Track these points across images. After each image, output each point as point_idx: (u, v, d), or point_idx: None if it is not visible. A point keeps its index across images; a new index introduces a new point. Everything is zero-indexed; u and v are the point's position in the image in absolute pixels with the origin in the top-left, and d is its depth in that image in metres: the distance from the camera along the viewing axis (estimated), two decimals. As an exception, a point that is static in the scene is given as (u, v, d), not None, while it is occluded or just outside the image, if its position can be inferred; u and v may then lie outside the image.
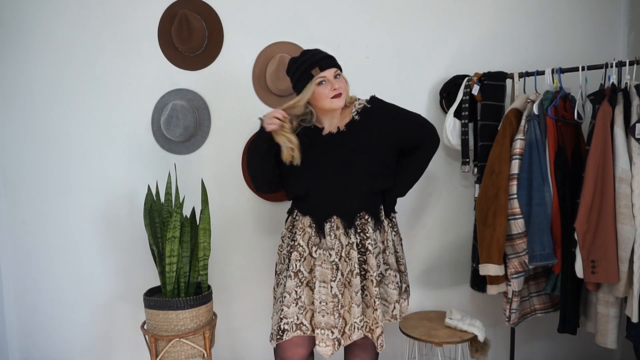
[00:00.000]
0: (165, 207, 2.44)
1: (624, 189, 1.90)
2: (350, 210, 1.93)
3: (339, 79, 1.92)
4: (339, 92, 1.90)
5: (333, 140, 1.95)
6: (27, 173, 2.76)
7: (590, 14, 2.57)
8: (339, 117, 1.99)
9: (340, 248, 1.92)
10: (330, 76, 1.89)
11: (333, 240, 1.92)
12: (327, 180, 1.92)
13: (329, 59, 1.92)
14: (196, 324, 2.33)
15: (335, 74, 1.91)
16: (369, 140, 1.93)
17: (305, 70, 1.89)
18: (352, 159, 1.92)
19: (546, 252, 2.07)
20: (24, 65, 2.71)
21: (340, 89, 1.90)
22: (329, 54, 1.95)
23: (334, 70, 1.91)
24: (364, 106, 1.98)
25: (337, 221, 1.92)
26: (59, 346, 2.84)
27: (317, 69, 1.87)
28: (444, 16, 2.60)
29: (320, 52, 1.95)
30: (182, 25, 2.54)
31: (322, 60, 1.89)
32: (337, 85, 1.89)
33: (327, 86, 1.89)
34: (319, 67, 1.88)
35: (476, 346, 2.28)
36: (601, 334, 2.05)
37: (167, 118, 2.57)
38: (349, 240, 1.91)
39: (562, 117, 2.13)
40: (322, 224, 1.93)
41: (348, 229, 1.92)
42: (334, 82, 1.89)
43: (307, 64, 1.89)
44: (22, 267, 2.81)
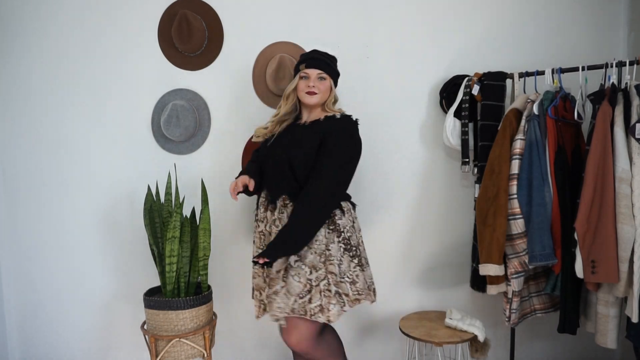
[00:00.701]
0: (165, 207, 2.44)
1: (624, 189, 1.90)
2: (277, 188, 2.08)
3: (322, 82, 2.10)
4: (313, 91, 2.08)
5: (297, 129, 2.14)
6: (27, 173, 2.76)
7: (590, 14, 2.57)
8: (315, 115, 2.15)
9: (266, 221, 2.10)
10: (312, 75, 2.09)
11: (263, 213, 2.13)
12: (274, 157, 2.10)
13: (318, 61, 2.11)
14: (196, 324, 2.33)
15: (319, 75, 2.10)
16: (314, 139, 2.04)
17: (298, 64, 2.15)
18: (297, 147, 2.05)
19: (546, 252, 2.07)
20: (23, 65, 2.71)
21: (314, 89, 2.08)
22: (325, 59, 2.13)
23: (318, 71, 2.10)
24: (334, 115, 2.11)
25: (266, 195, 2.13)
26: (58, 346, 2.84)
27: (304, 65, 2.11)
28: (444, 16, 2.60)
29: (318, 54, 2.15)
30: (182, 25, 2.54)
31: (311, 60, 2.11)
32: (312, 84, 2.08)
33: (305, 82, 2.10)
34: (306, 65, 2.11)
35: (476, 346, 2.28)
36: (601, 334, 2.05)
37: (167, 118, 2.57)
38: (273, 217, 2.06)
39: (562, 117, 2.13)
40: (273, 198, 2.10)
41: (271, 204, 2.09)
42: (313, 80, 2.09)
43: (301, 59, 2.15)
44: (22, 267, 2.81)
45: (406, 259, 2.69)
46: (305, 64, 2.11)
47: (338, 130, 2.05)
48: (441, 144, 2.63)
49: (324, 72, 2.11)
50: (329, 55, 2.18)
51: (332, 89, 2.14)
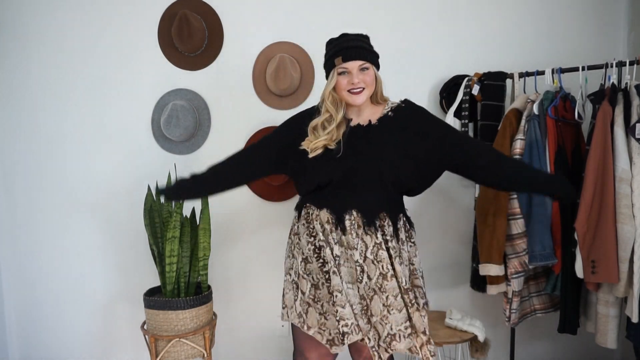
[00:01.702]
0: (165, 207, 2.44)
1: (624, 189, 1.90)
2: (371, 206, 1.73)
3: (365, 73, 1.74)
4: (358, 88, 1.73)
5: (363, 133, 1.77)
6: (27, 173, 2.76)
7: (590, 14, 2.56)
8: (369, 111, 1.82)
9: (365, 248, 1.71)
10: (353, 68, 1.71)
11: (355, 239, 1.71)
12: (351, 171, 1.72)
13: (357, 50, 1.72)
14: (196, 324, 2.33)
15: (362, 66, 1.72)
16: (403, 139, 1.75)
17: (331, 56, 1.75)
18: (381, 154, 1.73)
19: (546, 252, 2.07)
20: (23, 65, 2.71)
21: (359, 84, 1.72)
22: (362, 44, 1.75)
23: (360, 63, 1.71)
24: (398, 105, 1.84)
25: (357, 217, 1.72)
26: (58, 346, 2.84)
27: (339, 59, 1.71)
28: (444, 16, 2.60)
29: (352, 39, 1.75)
30: (182, 25, 2.53)
31: (348, 50, 1.71)
32: (356, 80, 1.71)
33: (346, 78, 1.73)
34: (342, 57, 1.71)
35: (476, 346, 2.27)
36: (601, 334, 2.05)
37: (167, 118, 2.56)
38: (375, 240, 1.71)
39: (562, 117, 2.13)
40: (342, 217, 1.72)
41: (368, 227, 1.71)
42: (355, 75, 1.71)
43: (333, 50, 1.74)
44: (22, 267, 2.81)
45: (406, 259, 2.69)
46: (342, 56, 1.71)
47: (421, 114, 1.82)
48: (441, 144, 2.63)
49: (367, 61, 1.73)
50: (364, 37, 1.81)
51: (378, 78, 1.81)
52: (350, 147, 1.74)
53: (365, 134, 1.77)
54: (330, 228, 1.73)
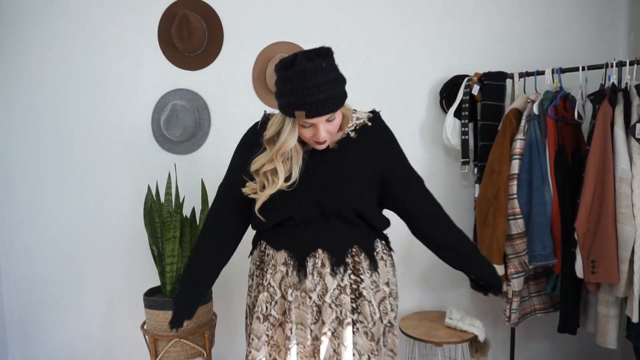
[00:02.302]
0: (165, 207, 2.44)
1: (624, 189, 1.90)
2: (340, 243, 1.54)
3: (332, 122, 1.46)
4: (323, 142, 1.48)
5: (320, 159, 1.53)
6: (27, 173, 2.76)
7: (590, 14, 2.56)
8: None
9: (324, 291, 1.50)
10: (319, 122, 1.42)
11: (316, 279, 1.51)
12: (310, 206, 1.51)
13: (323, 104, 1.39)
14: (196, 324, 2.33)
15: (328, 119, 1.44)
16: (364, 163, 1.55)
17: (290, 105, 1.41)
18: (341, 186, 1.51)
19: (546, 252, 2.07)
20: (23, 65, 2.71)
21: (326, 137, 1.46)
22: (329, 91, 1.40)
23: (327, 116, 1.42)
24: (364, 123, 1.59)
25: (322, 256, 1.51)
26: (58, 346, 2.84)
27: (302, 114, 1.39)
28: (444, 16, 2.60)
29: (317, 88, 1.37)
30: (182, 25, 2.53)
31: (312, 106, 1.38)
32: (322, 134, 1.44)
33: (310, 131, 1.45)
34: (306, 113, 1.38)
35: (476, 346, 2.28)
36: (601, 334, 2.05)
37: (167, 118, 2.56)
38: (339, 283, 1.51)
39: (562, 117, 2.13)
40: (304, 260, 1.52)
41: (336, 266, 1.51)
42: (321, 129, 1.43)
43: (293, 99, 1.39)
44: (22, 267, 2.81)
45: (406, 259, 2.69)
46: (306, 112, 1.38)
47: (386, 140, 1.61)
48: (441, 144, 2.63)
49: (334, 112, 1.43)
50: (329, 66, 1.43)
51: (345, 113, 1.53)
52: (308, 176, 1.50)
53: (322, 161, 1.53)
54: (287, 271, 1.54)
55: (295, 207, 1.52)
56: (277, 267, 1.56)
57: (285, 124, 1.46)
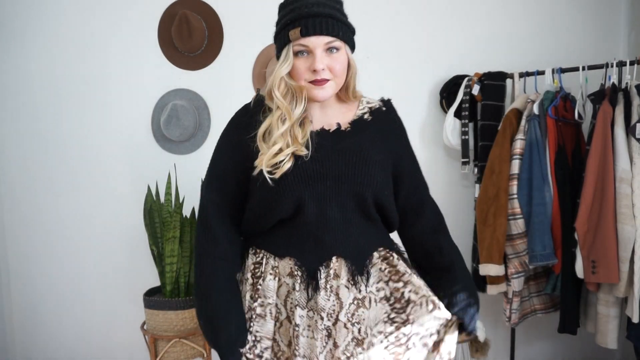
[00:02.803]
0: (165, 207, 2.44)
1: (625, 189, 1.90)
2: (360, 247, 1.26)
3: (334, 56, 1.21)
4: (321, 79, 1.19)
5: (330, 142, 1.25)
6: (27, 173, 2.76)
7: (590, 14, 2.56)
8: (336, 111, 1.31)
9: (339, 308, 1.21)
10: (316, 47, 1.18)
11: (328, 296, 1.22)
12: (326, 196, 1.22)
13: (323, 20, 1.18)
14: (196, 324, 2.33)
15: (329, 45, 1.19)
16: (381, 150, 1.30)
17: (284, 26, 1.19)
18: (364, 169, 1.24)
19: (546, 252, 2.07)
20: (23, 65, 2.71)
21: (324, 73, 1.19)
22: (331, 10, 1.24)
23: (326, 39, 1.18)
24: (378, 106, 1.36)
25: (337, 265, 1.23)
26: (58, 346, 2.84)
27: (296, 31, 1.16)
28: (444, 16, 2.60)
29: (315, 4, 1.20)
30: (182, 25, 2.53)
31: (309, 20, 1.17)
32: (319, 65, 1.18)
33: (306, 60, 1.19)
34: (301, 30, 1.16)
35: (476, 346, 2.26)
36: (601, 334, 2.05)
37: (167, 118, 2.56)
38: (356, 294, 1.23)
39: (562, 117, 2.13)
40: (315, 270, 1.23)
41: (357, 276, 1.24)
42: (319, 58, 1.18)
43: (289, 17, 1.19)
44: (22, 267, 2.81)
45: (406, 259, 2.69)
46: (301, 28, 1.16)
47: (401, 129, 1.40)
48: (441, 144, 2.63)
49: (337, 37, 1.20)
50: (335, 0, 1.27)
51: (351, 63, 1.27)
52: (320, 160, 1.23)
53: (335, 144, 1.25)
54: (293, 284, 1.24)
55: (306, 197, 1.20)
56: (282, 279, 1.26)
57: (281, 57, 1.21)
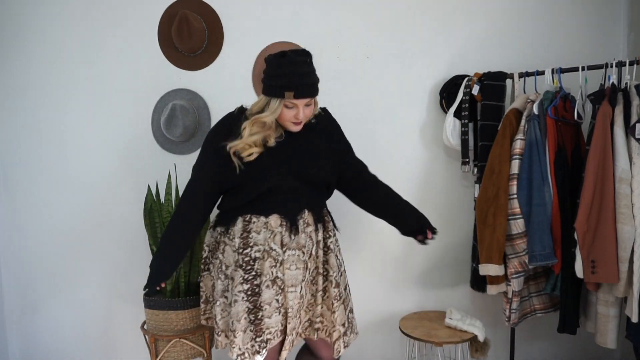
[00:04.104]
0: (165, 207, 2.44)
1: (624, 189, 1.90)
2: (317, 205, 1.94)
3: (309, 107, 1.82)
4: (300, 122, 1.82)
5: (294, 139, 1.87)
6: (27, 173, 2.76)
7: (590, 14, 2.56)
8: None
9: (311, 245, 1.88)
10: (300, 104, 1.77)
11: (306, 237, 1.86)
12: (292, 176, 1.84)
13: (309, 88, 1.78)
14: (196, 324, 2.33)
15: (308, 102, 1.80)
16: (325, 141, 1.93)
17: (281, 87, 1.75)
18: (315, 158, 1.88)
19: (546, 252, 2.07)
20: (23, 65, 2.71)
21: (303, 119, 1.82)
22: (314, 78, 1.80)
23: (307, 100, 1.78)
24: (320, 113, 1.96)
25: (308, 217, 1.88)
26: (58, 346, 2.84)
27: (291, 94, 1.74)
28: (444, 16, 2.60)
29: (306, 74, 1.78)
30: (182, 25, 2.53)
31: (300, 88, 1.75)
32: (301, 116, 1.79)
33: (292, 112, 1.78)
34: (294, 93, 1.74)
35: (476, 346, 2.28)
36: (601, 334, 2.05)
37: (167, 118, 2.56)
38: (317, 238, 1.90)
39: (562, 117, 2.13)
40: (295, 219, 1.85)
41: (318, 223, 1.90)
42: (301, 110, 1.78)
43: (285, 81, 1.74)
44: (22, 267, 2.81)
45: (406, 259, 2.69)
46: (294, 93, 1.74)
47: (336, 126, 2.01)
48: (441, 144, 2.63)
49: (314, 97, 1.82)
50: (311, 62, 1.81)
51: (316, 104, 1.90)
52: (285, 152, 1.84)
53: (294, 140, 1.86)
54: (282, 232, 1.83)
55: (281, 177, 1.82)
56: (274, 230, 1.82)
57: (271, 103, 1.79)
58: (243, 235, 1.84)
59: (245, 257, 1.82)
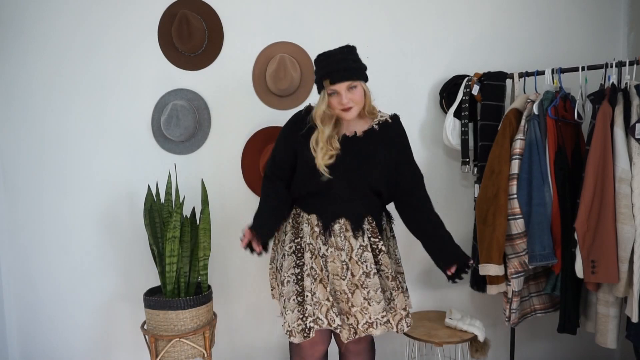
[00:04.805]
0: (165, 207, 2.44)
1: (624, 189, 1.90)
2: (358, 213, 1.95)
3: (354, 91, 1.84)
4: (348, 107, 1.84)
5: (349, 144, 1.93)
6: (27, 173, 2.76)
7: (590, 14, 2.57)
8: (356, 123, 1.97)
9: (350, 250, 1.92)
10: (341, 89, 1.82)
11: (343, 241, 1.93)
12: (339, 182, 1.89)
13: (343, 72, 1.81)
14: (196, 324, 2.33)
15: (349, 86, 1.82)
16: (384, 152, 1.95)
17: (320, 78, 1.86)
18: (367, 169, 1.92)
19: (546, 252, 2.07)
20: (23, 65, 2.71)
21: (349, 103, 1.83)
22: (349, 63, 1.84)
23: (347, 83, 1.82)
24: (386, 120, 1.99)
25: (345, 223, 1.94)
26: (59, 346, 2.84)
27: (328, 81, 1.81)
28: (444, 16, 2.60)
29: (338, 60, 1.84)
30: (182, 25, 2.54)
31: (334, 73, 1.81)
32: (345, 100, 1.82)
33: (336, 98, 1.84)
34: (330, 80, 1.81)
35: (476, 346, 2.28)
36: (601, 334, 2.05)
37: (167, 118, 2.57)
38: (361, 243, 1.92)
39: (562, 117, 2.13)
40: (329, 224, 1.94)
41: (356, 231, 1.93)
42: (344, 95, 1.82)
43: (322, 72, 1.85)
44: (22, 267, 2.81)
45: (406, 259, 2.67)
46: (330, 79, 1.81)
47: (401, 135, 2.01)
48: (441, 144, 2.63)
49: (353, 80, 1.83)
50: (350, 52, 1.89)
51: (366, 92, 1.90)
52: (341, 159, 1.89)
53: (350, 146, 1.92)
54: (320, 230, 1.95)
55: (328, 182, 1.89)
56: (313, 227, 1.96)
57: (320, 96, 1.89)
58: (294, 225, 2.01)
59: (297, 245, 1.97)
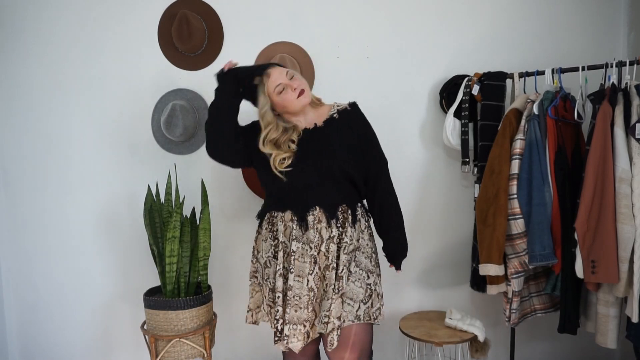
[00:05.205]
0: (165, 207, 2.44)
1: (624, 189, 1.90)
2: (332, 201, 1.92)
3: (294, 79, 1.91)
4: (301, 88, 1.90)
5: (311, 135, 1.95)
6: (27, 173, 2.76)
7: (590, 14, 2.56)
8: (313, 114, 2.00)
9: (320, 242, 1.90)
10: (284, 79, 1.89)
11: (315, 233, 1.90)
12: (307, 172, 1.90)
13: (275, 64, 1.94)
14: (196, 324, 2.33)
15: (289, 76, 1.91)
16: (348, 137, 1.96)
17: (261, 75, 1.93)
18: (332, 152, 1.91)
19: (546, 252, 2.07)
20: (23, 65, 2.71)
21: (301, 86, 1.90)
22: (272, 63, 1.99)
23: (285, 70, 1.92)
24: (345, 108, 2.01)
25: (319, 213, 1.91)
26: (59, 346, 2.84)
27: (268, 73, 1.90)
28: (443, 16, 2.60)
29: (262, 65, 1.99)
30: (182, 25, 2.54)
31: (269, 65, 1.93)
32: (295, 84, 1.89)
33: (286, 90, 1.89)
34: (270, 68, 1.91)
35: (476, 346, 2.28)
36: (601, 334, 2.05)
37: (167, 118, 2.57)
38: (330, 234, 1.90)
39: (562, 117, 2.13)
40: (305, 216, 1.91)
41: (330, 219, 1.90)
42: (291, 82, 1.89)
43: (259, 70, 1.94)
44: (22, 267, 2.81)
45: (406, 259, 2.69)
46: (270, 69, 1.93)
47: (362, 119, 2.02)
48: (441, 144, 2.63)
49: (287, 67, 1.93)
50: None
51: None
52: (304, 148, 1.92)
53: (313, 136, 1.94)
54: (293, 225, 1.92)
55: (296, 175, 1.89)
56: (287, 223, 1.93)
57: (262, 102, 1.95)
58: (270, 229, 1.99)
59: (271, 247, 1.98)
